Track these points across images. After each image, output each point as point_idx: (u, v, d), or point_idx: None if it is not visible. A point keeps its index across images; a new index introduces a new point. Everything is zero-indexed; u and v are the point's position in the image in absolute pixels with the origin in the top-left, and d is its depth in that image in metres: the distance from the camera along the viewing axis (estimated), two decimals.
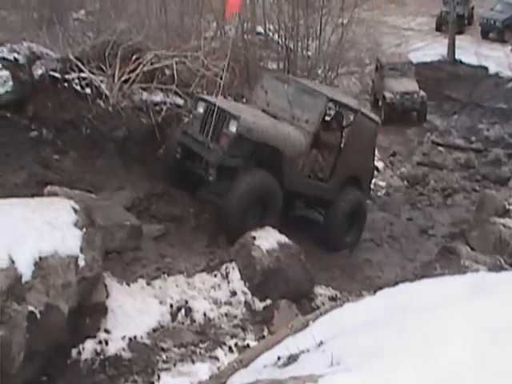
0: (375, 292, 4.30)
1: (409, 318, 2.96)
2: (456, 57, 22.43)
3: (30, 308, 4.17)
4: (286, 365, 3.08)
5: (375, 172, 14.09)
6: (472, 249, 8.88)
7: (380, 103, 18.24)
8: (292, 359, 3.09)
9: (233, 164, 7.50)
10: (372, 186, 13.11)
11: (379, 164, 14.49)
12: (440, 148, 15.99)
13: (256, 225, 7.25)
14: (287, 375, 2.77)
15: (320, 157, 8.62)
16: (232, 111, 7.63)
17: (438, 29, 26.19)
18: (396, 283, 5.17)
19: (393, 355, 2.53)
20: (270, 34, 16.63)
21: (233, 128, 7.45)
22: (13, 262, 4.22)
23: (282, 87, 8.78)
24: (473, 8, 27.07)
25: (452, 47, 22.48)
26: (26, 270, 4.31)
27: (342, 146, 9.00)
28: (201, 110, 7.98)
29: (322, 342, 3.08)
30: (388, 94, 17.63)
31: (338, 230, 8.69)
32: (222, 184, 7.52)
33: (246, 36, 13.50)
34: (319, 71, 14.24)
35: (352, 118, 9.18)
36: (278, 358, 3.21)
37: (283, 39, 14.09)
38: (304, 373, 2.71)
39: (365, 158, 9.25)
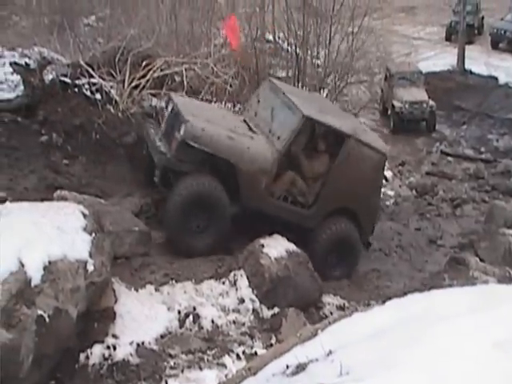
0: (384, 302, 4.25)
1: (418, 328, 2.93)
2: (466, 67, 22.37)
3: (39, 312, 4.18)
4: (294, 374, 3.07)
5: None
6: (481, 260, 8.79)
7: (389, 112, 18.21)
8: (300, 368, 3.08)
9: (180, 168, 7.16)
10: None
11: (388, 173, 14.49)
12: (449, 158, 15.92)
13: (197, 235, 7.06)
14: None
15: (299, 180, 7.84)
16: (185, 114, 7.25)
17: (448, 38, 26.13)
18: (405, 293, 5.16)
19: (402, 366, 2.51)
20: (280, 41, 16.70)
21: (180, 132, 7.16)
22: (22, 265, 4.24)
23: (272, 98, 8.19)
24: (483, 18, 27.05)
25: (462, 57, 22.43)
26: (35, 273, 4.33)
27: (331, 171, 7.96)
28: (169, 109, 7.81)
29: (330, 352, 3.07)
30: (397, 103, 17.60)
31: (319, 261, 7.54)
32: (169, 187, 7.23)
33: (255, 43, 13.51)
34: (328, 80, 14.25)
35: (343, 143, 7.97)
36: (287, 367, 3.19)
37: (293, 47, 14.11)
38: (313, 382, 2.73)
39: (364, 190, 8.10)
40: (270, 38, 18.14)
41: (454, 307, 3.23)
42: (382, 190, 13.46)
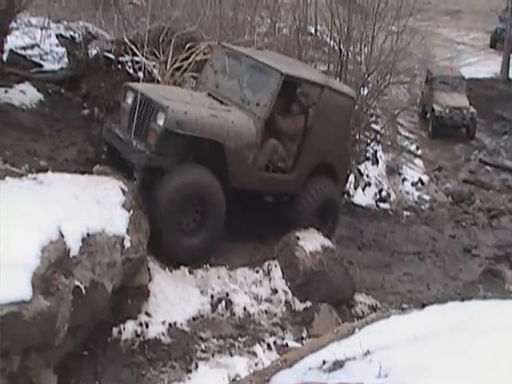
0: (423, 307, 4.26)
1: (459, 338, 2.89)
2: (510, 76, 21.95)
3: (76, 282, 4.17)
4: (331, 370, 3.04)
5: (419, 184, 13.98)
6: None
7: (428, 116, 17.91)
8: (338, 365, 3.06)
9: (162, 164, 6.17)
10: (416, 199, 13.00)
11: (424, 177, 14.28)
12: (487, 167, 15.60)
13: (190, 233, 6.15)
14: (334, 381, 2.79)
15: (280, 146, 7.23)
16: (159, 101, 6.24)
17: (493, 45, 25.71)
18: (442, 300, 5.04)
19: (441, 375, 2.47)
20: (324, 35, 16.52)
21: (160, 121, 6.13)
22: (62, 235, 4.19)
23: (234, 64, 7.32)
24: None
25: (506, 65, 22.03)
26: (74, 244, 4.30)
27: (306, 129, 7.40)
28: (129, 101, 6.58)
29: (368, 352, 3.06)
30: (437, 108, 17.28)
31: (305, 226, 7.14)
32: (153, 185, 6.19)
33: (298, 35, 13.36)
34: (370, 78, 14.06)
35: (318, 95, 7.51)
36: (324, 362, 3.17)
37: (337, 42, 13.93)
38: (351, 380, 2.72)
39: (338, 140, 7.67)
40: (313, 30, 18.02)
41: (494, 320, 3.16)
42: (418, 193, 13.45)
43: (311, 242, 6.76)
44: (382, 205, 12.26)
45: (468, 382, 2.37)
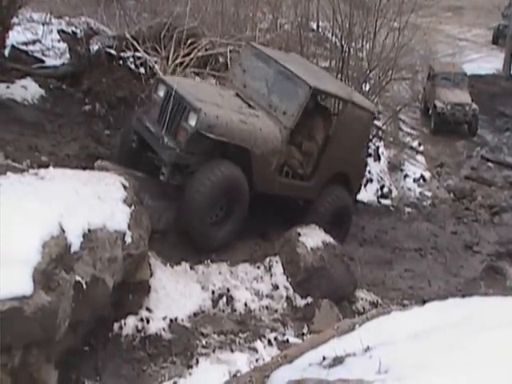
0: (423, 303, 4.20)
1: (460, 335, 2.86)
2: None
3: (77, 278, 4.16)
4: (331, 366, 3.03)
5: (421, 181, 13.94)
6: None
7: (430, 112, 17.84)
8: (338, 361, 3.04)
9: (190, 162, 6.43)
10: (417, 195, 12.97)
11: (426, 174, 14.24)
12: (489, 164, 15.51)
13: (216, 226, 6.43)
14: (334, 377, 2.74)
15: (297, 152, 7.44)
16: (192, 101, 6.39)
17: (495, 42, 25.59)
18: (443, 296, 5.03)
19: (442, 371, 2.44)
20: (325, 31, 16.47)
21: (192, 122, 6.31)
22: (63, 230, 4.17)
23: (262, 67, 7.41)
24: None
25: (508, 62, 21.91)
26: (75, 240, 4.29)
27: (327, 138, 7.62)
28: (161, 93, 6.77)
29: (368, 348, 3.04)
30: (439, 104, 17.22)
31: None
32: (178, 182, 6.47)
33: (300, 31, 13.33)
34: (371, 74, 14.03)
35: (341, 108, 7.85)
36: (324, 358, 3.16)
37: (338, 38, 13.89)
38: (351, 376, 2.68)
39: (355, 152, 7.94)
40: (314, 26, 17.97)
41: (496, 316, 3.13)
42: (420, 190, 13.42)
43: (312, 238, 6.77)
44: (383, 201, 12.23)
45: (468, 378, 2.34)
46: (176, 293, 5.40)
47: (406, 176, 14.05)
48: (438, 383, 2.33)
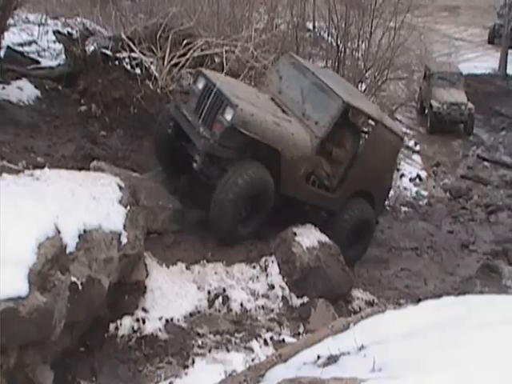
0: (418, 302, 4.29)
1: (454, 333, 2.89)
2: (507, 71, 21.92)
3: (73, 278, 4.17)
4: (325, 365, 3.05)
5: (418, 183, 13.96)
6: None
7: (426, 111, 17.90)
8: (332, 360, 3.07)
9: (223, 155, 6.72)
10: (414, 195, 13.00)
11: (422, 173, 14.27)
12: (485, 163, 15.56)
13: (242, 223, 6.72)
14: (328, 375, 2.75)
15: (325, 163, 7.70)
16: (230, 97, 6.69)
17: (491, 41, 25.70)
18: (439, 295, 5.05)
19: (436, 369, 2.47)
20: (322, 31, 16.50)
21: (228, 116, 6.58)
22: (59, 231, 4.18)
23: (298, 77, 7.73)
24: None
25: (504, 61, 21.99)
26: (70, 240, 4.30)
27: (355, 155, 7.96)
28: (200, 86, 7.12)
29: (363, 346, 3.07)
30: (435, 103, 17.27)
31: (337, 243, 7.38)
32: (209, 172, 6.82)
33: (296, 31, 13.35)
34: (367, 74, 14.06)
35: (372, 127, 8.16)
36: (318, 357, 3.18)
37: (334, 38, 13.92)
38: (344, 375, 2.70)
39: (381, 174, 8.21)
40: (311, 26, 17.99)
41: (490, 315, 3.17)
42: (416, 189, 13.45)
43: (308, 237, 6.76)
44: None
45: (462, 376, 2.36)
46: (172, 293, 5.41)
47: (402, 175, 14.08)
48: (432, 381, 2.35)
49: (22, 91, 8.27)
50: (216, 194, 6.51)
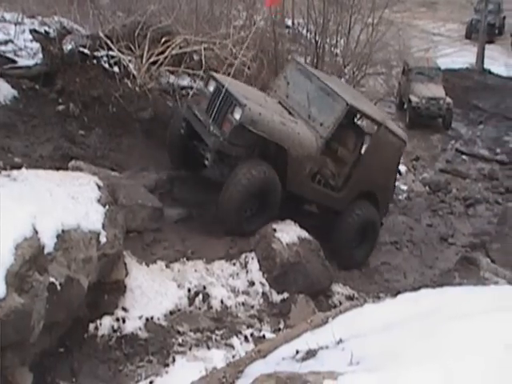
0: (396, 295, 4.25)
1: (430, 324, 2.90)
2: (485, 66, 22.18)
3: (51, 279, 4.12)
4: (304, 359, 3.06)
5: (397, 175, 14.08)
6: (492, 261, 8.72)
7: (405, 106, 18.05)
8: (310, 354, 3.07)
9: (232, 152, 7.11)
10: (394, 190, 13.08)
11: (401, 167, 14.36)
12: (464, 157, 15.71)
13: (249, 220, 7.01)
14: (306, 369, 2.75)
15: (331, 163, 8.05)
16: (239, 97, 7.09)
17: (468, 36, 25.95)
18: (417, 288, 5.11)
19: (413, 360, 2.49)
20: (299, 27, 16.53)
21: (237, 116, 6.97)
22: (36, 232, 4.16)
23: (305, 82, 8.19)
24: (504, 18, 26.78)
25: (481, 56, 22.22)
26: (48, 241, 4.26)
27: (359, 157, 8.31)
28: (211, 88, 7.60)
29: (341, 340, 3.07)
30: (414, 98, 17.41)
31: (344, 243, 8.07)
32: (221, 170, 7.27)
33: (275, 28, 13.34)
34: (346, 70, 14.12)
35: (375, 129, 8.48)
36: (297, 352, 3.19)
37: (312, 34, 13.96)
38: (323, 369, 2.69)
39: (385, 175, 8.56)
40: (290, 23, 18.01)
41: (466, 306, 3.19)
42: (395, 183, 13.55)
43: (288, 233, 6.79)
44: None
45: (438, 367, 2.38)
46: (152, 291, 5.38)
47: None
48: (408, 373, 2.36)
49: None
50: (223, 192, 6.86)
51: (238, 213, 6.89)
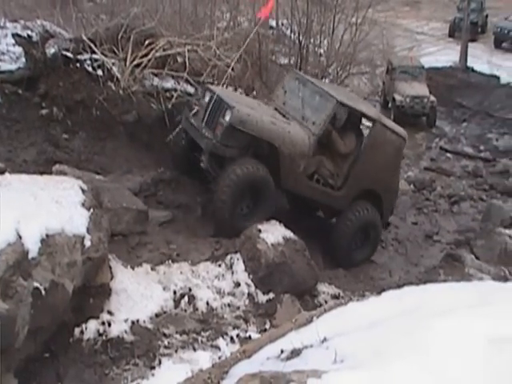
0: (380, 293, 4.26)
1: (413, 321, 2.92)
2: (468, 64, 22.36)
3: (36, 284, 4.12)
4: (289, 358, 3.07)
5: None
6: (477, 258, 8.79)
7: (389, 105, 18.18)
8: (295, 353, 3.08)
9: (226, 153, 7.33)
10: None
11: None
12: (448, 154, 15.85)
13: (244, 217, 7.16)
14: (290, 369, 2.76)
15: (328, 162, 8.18)
16: (229, 101, 7.43)
17: (451, 35, 26.15)
18: (401, 286, 5.15)
19: (396, 357, 2.51)
20: (283, 28, 16.58)
21: (227, 118, 7.30)
22: (20, 237, 4.16)
23: (300, 88, 8.53)
24: (487, 16, 27.03)
25: (464, 54, 22.39)
26: (32, 246, 4.25)
27: (358, 154, 8.42)
28: (207, 99, 7.87)
29: (325, 339, 3.07)
30: (398, 97, 17.55)
31: (344, 242, 8.23)
32: (216, 172, 7.42)
33: (259, 29, 13.36)
34: (330, 70, 14.19)
35: (370, 126, 8.66)
36: (281, 352, 3.20)
37: (296, 35, 14.01)
38: (307, 368, 2.70)
39: (386, 173, 8.62)
40: (274, 24, 18.06)
41: (450, 302, 3.21)
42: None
43: (273, 233, 6.77)
44: None
45: (422, 362, 2.41)
46: (137, 294, 5.36)
47: None
48: (392, 370, 2.39)
49: None
50: (215, 190, 7.10)
51: (231, 209, 7.05)
